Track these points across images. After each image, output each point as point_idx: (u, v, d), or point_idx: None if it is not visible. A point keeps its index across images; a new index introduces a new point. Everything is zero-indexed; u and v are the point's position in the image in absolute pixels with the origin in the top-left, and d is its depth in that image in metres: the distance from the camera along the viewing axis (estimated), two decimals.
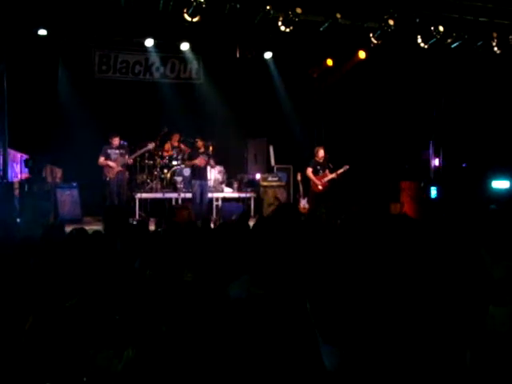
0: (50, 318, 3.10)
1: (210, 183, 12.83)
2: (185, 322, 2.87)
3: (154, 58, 13.40)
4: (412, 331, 2.93)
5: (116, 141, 11.26)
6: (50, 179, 11.61)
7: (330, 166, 11.67)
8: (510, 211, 10.18)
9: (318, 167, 11.53)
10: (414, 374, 2.70)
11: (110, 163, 11.08)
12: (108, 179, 11.11)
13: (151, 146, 12.00)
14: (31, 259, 4.57)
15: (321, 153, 11.59)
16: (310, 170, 11.55)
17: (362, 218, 7.60)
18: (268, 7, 9.49)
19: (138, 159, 12.46)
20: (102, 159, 11.12)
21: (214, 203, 12.55)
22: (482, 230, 5.59)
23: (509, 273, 3.30)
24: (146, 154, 12.68)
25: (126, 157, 11.33)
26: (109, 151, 11.21)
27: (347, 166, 11.43)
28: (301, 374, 2.64)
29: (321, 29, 10.27)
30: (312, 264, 4.06)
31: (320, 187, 11.43)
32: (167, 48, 13.01)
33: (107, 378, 2.80)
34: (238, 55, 12.62)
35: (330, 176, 11.47)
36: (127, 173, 11.69)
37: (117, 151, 11.26)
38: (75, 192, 11.71)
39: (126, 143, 11.56)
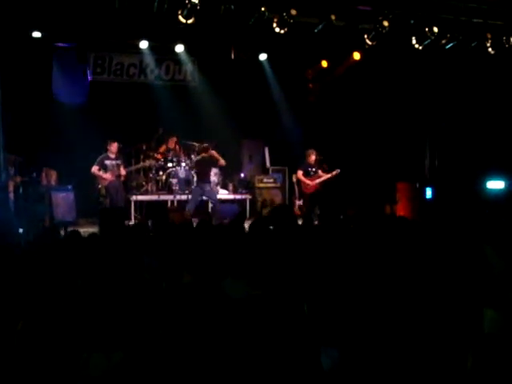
0: (42, 319, 3.09)
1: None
2: (183, 324, 2.86)
3: (149, 60, 13.37)
4: (409, 332, 2.93)
5: (114, 147, 11.28)
6: (44, 182, 11.59)
7: (325, 167, 11.71)
8: (506, 211, 10.21)
9: (310, 169, 11.60)
10: (412, 375, 2.70)
11: (103, 175, 11.13)
12: (100, 186, 11.18)
13: (148, 163, 12.16)
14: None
15: (312, 157, 11.65)
16: (300, 173, 11.64)
17: (358, 219, 7.61)
18: (263, 9, 9.49)
19: (133, 161, 12.48)
20: (95, 169, 11.17)
21: (210, 204, 12.54)
22: (480, 230, 5.59)
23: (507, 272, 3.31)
24: (142, 156, 12.67)
25: (121, 168, 11.38)
26: (106, 162, 11.23)
27: (338, 170, 11.51)
28: (299, 374, 2.64)
29: (315, 30, 10.27)
30: (309, 265, 4.06)
31: (310, 189, 11.51)
32: (162, 50, 13.01)
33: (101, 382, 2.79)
34: (232, 57, 12.63)
35: (322, 178, 11.54)
36: (122, 177, 11.70)
37: (113, 162, 11.29)
38: (70, 194, 11.67)
39: (121, 146, 11.56)
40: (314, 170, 11.61)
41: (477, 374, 2.70)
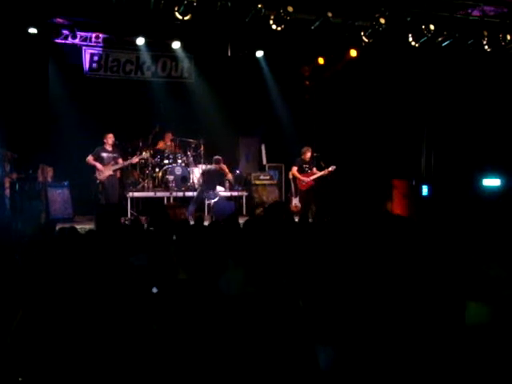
0: (40, 316, 3.09)
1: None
2: (178, 320, 2.86)
3: (146, 57, 13.35)
4: (405, 330, 2.94)
5: (110, 138, 11.21)
6: (41, 178, 11.56)
7: (322, 164, 11.72)
8: (503, 209, 10.23)
9: (304, 166, 11.63)
10: (407, 372, 2.70)
11: (98, 166, 11.05)
12: (98, 182, 11.13)
13: (146, 155, 12.14)
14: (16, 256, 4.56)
15: (308, 154, 11.67)
16: (295, 169, 11.67)
17: (353, 216, 7.62)
18: (259, 5, 9.47)
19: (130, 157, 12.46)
20: (90, 158, 11.08)
21: (206, 202, 12.54)
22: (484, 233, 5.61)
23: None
24: (138, 153, 12.65)
25: (120, 160, 11.33)
26: (102, 154, 11.15)
27: (334, 167, 11.52)
28: (294, 373, 2.64)
29: (312, 27, 10.27)
30: (305, 263, 4.06)
31: (305, 185, 11.54)
32: (158, 46, 13.00)
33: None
34: (229, 54, 12.62)
35: (316, 175, 11.57)
36: (119, 172, 11.68)
37: (110, 155, 11.23)
38: (66, 191, 11.65)
39: (117, 142, 11.53)
40: (308, 166, 11.65)
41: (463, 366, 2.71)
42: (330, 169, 11.54)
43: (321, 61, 13.78)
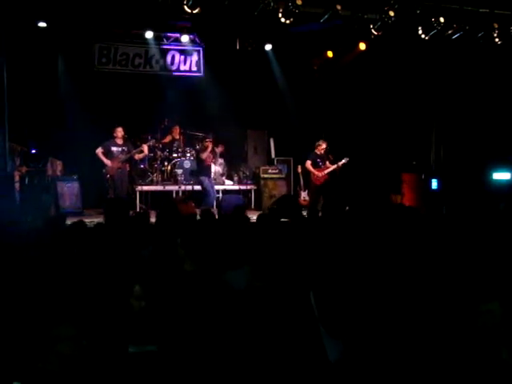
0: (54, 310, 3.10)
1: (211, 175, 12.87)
2: (186, 312, 2.87)
3: (154, 51, 13.36)
4: (414, 324, 2.93)
5: (120, 132, 11.21)
6: (50, 172, 11.61)
7: (330, 157, 11.68)
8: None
9: (318, 160, 11.56)
10: (415, 367, 2.70)
11: (106, 161, 11.08)
12: (108, 176, 11.16)
13: (152, 141, 12.15)
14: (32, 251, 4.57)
15: (323, 147, 11.58)
16: (309, 163, 11.59)
17: (363, 209, 7.60)
18: None
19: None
20: (99, 151, 11.11)
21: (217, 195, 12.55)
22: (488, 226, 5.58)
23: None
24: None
25: (133, 151, 11.37)
26: (112, 148, 11.18)
27: (347, 158, 11.46)
28: (304, 365, 2.65)
29: (321, 20, 10.22)
30: (315, 256, 4.06)
31: (320, 179, 11.47)
32: (167, 40, 13.02)
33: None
34: (238, 47, 12.60)
35: (331, 168, 11.50)
36: (127, 165, 11.68)
37: (120, 148, 11.25)
38: (76, 184, 11.70)
39: (126, 136, 11.55)
40: (322, 161, 11.58)
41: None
42: (344, 161, 11.49)
43: (330, 54, 13.74)
